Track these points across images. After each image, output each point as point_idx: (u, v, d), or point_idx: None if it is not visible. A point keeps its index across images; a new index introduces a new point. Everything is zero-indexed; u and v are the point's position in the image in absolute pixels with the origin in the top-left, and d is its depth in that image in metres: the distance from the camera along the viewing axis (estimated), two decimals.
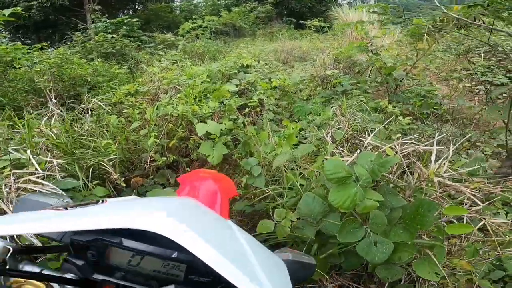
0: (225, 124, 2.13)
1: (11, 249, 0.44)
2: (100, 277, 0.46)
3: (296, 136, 2.28)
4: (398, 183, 1.35)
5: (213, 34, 10.90)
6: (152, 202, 0.63)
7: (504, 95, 3.40)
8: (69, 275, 0.46)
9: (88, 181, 1.70)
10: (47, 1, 9.06)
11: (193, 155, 2.12)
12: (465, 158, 1.84)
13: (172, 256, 0.45)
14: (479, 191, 1.39)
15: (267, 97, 2.54)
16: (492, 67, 5.51)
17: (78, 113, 2.46)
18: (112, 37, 5.54)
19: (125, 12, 12.85)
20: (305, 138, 2.33)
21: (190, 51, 6.26)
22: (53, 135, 1.84)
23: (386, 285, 1.31)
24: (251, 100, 2.54)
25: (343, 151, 1.70)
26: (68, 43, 5.79)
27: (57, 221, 0.41)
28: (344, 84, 2.84)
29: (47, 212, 0.48)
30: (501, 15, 1.66)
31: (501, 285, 1.44)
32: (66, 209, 0.50)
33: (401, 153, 1.38)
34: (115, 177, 1.80)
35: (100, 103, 2.38)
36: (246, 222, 2.05)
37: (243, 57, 4.11)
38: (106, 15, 6.97)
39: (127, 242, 0.45)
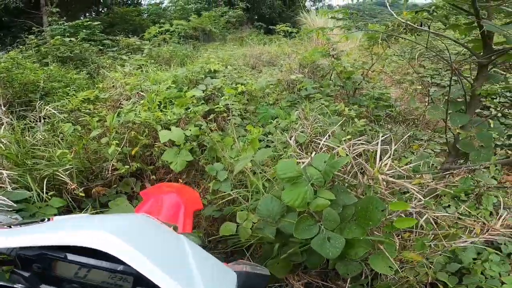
0: (190, 130, 2.12)
1: None
2: (47, 287, 0.50)
3: (262, 141, 2.34)
4: (351, 182, 1.45)
5: (182, 38, 10.75)
6: (95, 220, 0.66)
7: (445, 96, 3.76)
8: (18, 286, 0.49)
9: (43, 192, 1.61)
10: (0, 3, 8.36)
11: (158, 162, 2.09)
12: (414, 156, 2.02)
13: (118, 269, 0.49)
14: (426, 186, 1.53)
15: (234, 102, 2.57)
16: (439, 69, 6.07)
17: (30, 121, 2.30)
18: (70, 40, 5.25)
19: (87, 15, 12.23)
20: (272, 142, 2.40)
21: (157, 55, 6.12)
22: (1, 145, 1.71)
23: (348, 280, 1.39)
24: (217, 106, 2.55)
25: (304, 154, 1.78)
26: (21, 46, 5.38)
27: (13, 238, 0.45)
28: (308, 88, 2.96)
29: (11, 230, 0.52)
30: (444, 21, 1.84)
31: (458, 276, 1.53)
32: (10, 227, 0.53)
33: (353, 153, 1.48)
34: (72, 187, 1.72)
35: (53, 111, 2.24)
36: (216, 227, 2.05)
37: (211, 62, 4.12)
38: (65, 18, 6.60)
39: (71, 257, 0.49)
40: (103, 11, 12.54)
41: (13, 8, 8.36)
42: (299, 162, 1.38)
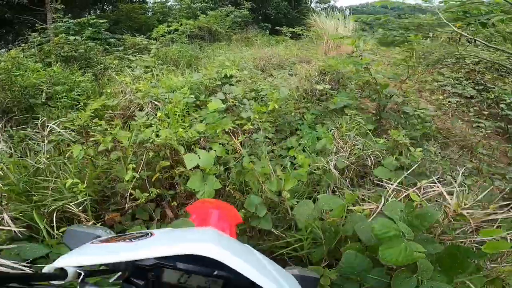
0: (215, 151, 1.87)
1: (83, 273, 0.52)
2: None
3: (293, 164, 2.09)
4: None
5: (187, 38, 10.51)
6: (195, 233, 0.73)
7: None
8: None
9: (52, 229, 1.36)
10: None
11: (181, 188, 1.84)
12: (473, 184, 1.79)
13: (214, 273, 0.56)
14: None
15: (260, 120, 2.31)
16: (460, 78, 5.82)
17: (31, 138, 2.02)
18: (75, 39, 4.98)
19: (92, 12, 11.90)
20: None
21: (165, 56, 5.85)
22: None
23: None
24: (243, 122, 2.30)
25: (351, 186, 1.53)
26: (23, 44, 5.10)
27: (133, 252, 0.50)
28: (340, 102, 2.69)
29: (115, 245, 0.57)
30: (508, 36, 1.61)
31: None
32: (131, 240, 0.57)
33: (424, 196, 1.25)
34: (87, 221, 1.47)
35: (58, 129, 1.96)
36: None
37: (226, 67, 3.87)
38: (70, 15, 6.31)
39: (179, 265, 0.55)
40: (107, 8, 12.22)
41: (17, 4, 8.06)
42: (365, 209, 1.14)
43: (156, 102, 2.78)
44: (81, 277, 0.52)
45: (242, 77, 4.13)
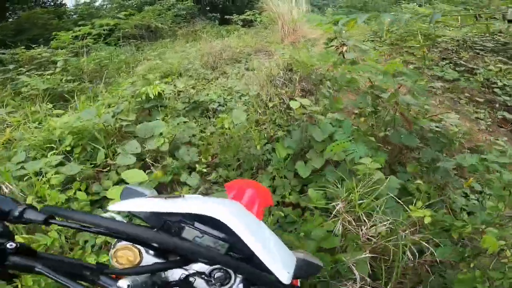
0: None
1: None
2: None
3: None
4: None
5: (120, 39, 8.82)
6: (220, 202, 0.75)
7: None
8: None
9: None
10: None
11: None
12: None
13: (221, 236, 0.63)
14: None
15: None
16: (434, 59, 5.02)
17: None
18: None
19: None
20: None
21: (77, 69, 4.34)
22: None
23: None
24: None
25: None
26: None
27: (168, 205, 0.63)
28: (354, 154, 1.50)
29: (156, 200, 0.67)
30: None
31: None
32: (167, 199, 0.66)
33: None
34: None
35: None
36: None
37: (150, 81, 2.54)
38: None
39: (197, 224, 0.64)
40: (12, 18, 9.89)
41: None
42: None
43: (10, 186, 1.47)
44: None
45: (182, 88, 2.91)
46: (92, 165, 1.70)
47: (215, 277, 0.66)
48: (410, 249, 1.16)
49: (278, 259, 0.58)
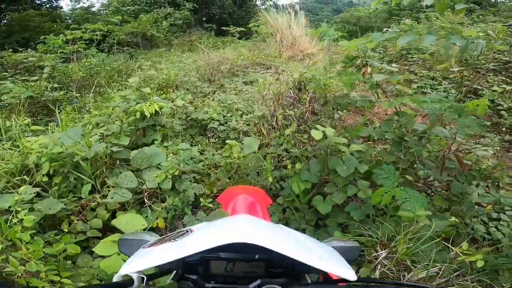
0: None
1: (145, 277, 0.55)
2: (210, 285, 0.59)
3: None
4: None
5: (114, 46, 8.58)
6: (230, 222, 0.71)
7: None
8: None
9: None
10: None
11: None
12: None
13: (255, 258, 0.59)
14: None
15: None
16: (438, 78, 5.00)
17: None
18: None
19: None
20: None
21: (66, 76, 4.04)
22: None
23: None
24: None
25: None
26: None
27: (180, 250, 0.53)
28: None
29: (163, 247, 0.59)
30: None
31: None
32: (176, 240, 0.59)
33: None
34: None
35: None
36: None
37: (143, 94, 2.29)
38: None
39: (222, 255, 0.59)
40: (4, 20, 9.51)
41: None
42: None
43: None
44: (144, 281, 0.55)
45: (177, 108, 2.64)
46: (76, 198, 1.42)
47: None
48: None
49: (333, 260, 0.56)
